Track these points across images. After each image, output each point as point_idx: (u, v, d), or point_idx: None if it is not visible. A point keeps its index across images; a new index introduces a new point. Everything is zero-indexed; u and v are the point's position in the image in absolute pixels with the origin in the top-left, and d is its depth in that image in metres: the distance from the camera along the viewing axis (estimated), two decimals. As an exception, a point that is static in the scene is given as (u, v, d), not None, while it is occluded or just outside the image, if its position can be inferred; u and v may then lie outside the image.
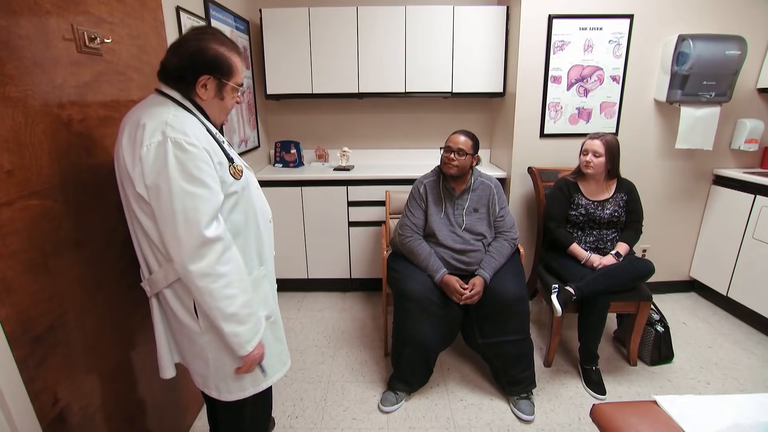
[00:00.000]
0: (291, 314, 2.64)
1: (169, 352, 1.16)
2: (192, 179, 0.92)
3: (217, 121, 1.11)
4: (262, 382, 1.18)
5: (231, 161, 1.04)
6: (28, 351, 0.93)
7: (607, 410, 1.15)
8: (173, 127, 0.92)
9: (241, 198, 1.07)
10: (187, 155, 0.91)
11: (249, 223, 1.11)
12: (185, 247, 0.92)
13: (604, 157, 1.98)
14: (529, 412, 1.77)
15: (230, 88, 1.07)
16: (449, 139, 1.94)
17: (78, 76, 1.10)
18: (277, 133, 3.10)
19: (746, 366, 2.09)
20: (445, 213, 1.96)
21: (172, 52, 1.02)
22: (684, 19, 2.36)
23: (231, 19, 2.35)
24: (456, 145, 1.89)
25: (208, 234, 0.93)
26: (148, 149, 0.91)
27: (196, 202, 0.92)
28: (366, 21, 2.59)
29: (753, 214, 2.33)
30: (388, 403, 1.83)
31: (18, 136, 0.91)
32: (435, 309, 1.79)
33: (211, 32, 1.04)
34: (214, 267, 0.95)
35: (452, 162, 1.90)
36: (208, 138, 0.99)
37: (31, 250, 0.95)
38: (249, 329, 1.04)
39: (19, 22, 0.92)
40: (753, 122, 2.45)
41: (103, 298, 1.19)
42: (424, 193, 1.99)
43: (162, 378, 1.17)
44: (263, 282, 1.17)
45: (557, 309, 1.85)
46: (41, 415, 0.96)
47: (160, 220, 0.94)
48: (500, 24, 2.58)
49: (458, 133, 1.93)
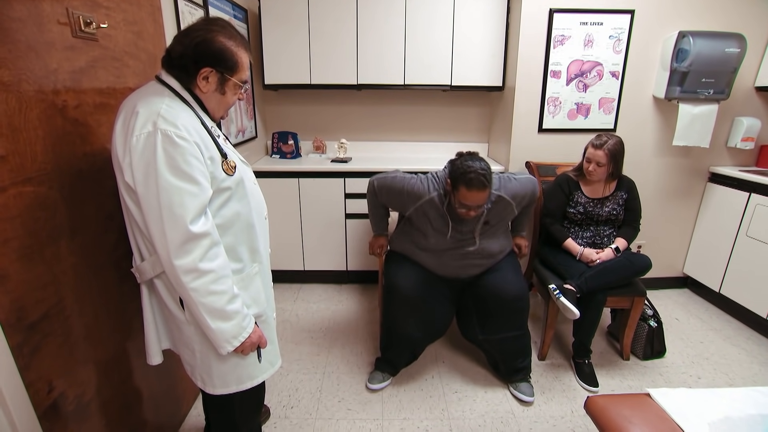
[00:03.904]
0: (287, 305, 2.64)
1: (157, 339, 1.16)
2: (180, 173, 0.90)
3: (216, 115, 1.09)
4: (246, 381, 1.17)
5: (224, 156, 1.02)
6: (22, 339, 0.92)
7: (601, 402, 1.16)
8: (165, 119, 0.90)
9: (234, 194, 1.05)
10: (177, 149, 0.90)
11: (241, 220, 1.09)
12: (170, 242, 0.91)
13: (606, 166, 1.97)
14: (529, 393, 1.83)
15: (233, 84, 1.04)
16: (465, 196, 1.56)
17: (73, 62, 1.08)
18: (275, 124, 3.08)
19: (736, 361, 2.12)
20: (451, 236, 1.74)
21: (177, 39, 1.00)
22: (684, 16, 2.36)
23: (229, 7, 2.31)
24: (476, 203, 1.58)
25: (194, 230, 0.92)
26: (138, 139, 0.90)
27: (182, 197, 0.91)
28: (366, 12, 2.56)
29: (747, 211, 2.35)
30: (376, 381, 1.91)
31: (11, 121, 0.89)
32: (422, 306, 1.80)
33: (221, 24, 1.01)
34: (199, 263, 0.94)
35: (471, 217, 1.66)
36: (201, 132, 0.97)
37: (26, 238, 0.94)
38: (234, 325, 1.03)
39: (13, 5, 0.90)
40: (750, 120, 2.46)
41: (98, 287, 1.18)
42: (423, 206, 1.73)
43: (149, 364, 1.17)
44: (255, 279, 1.15)
45: (575, 312, 1.79)
46: (36, 403, 0.96)
47: (146, 212, 0.92)
48: (501, 17, 2.57)
49: (475, 190, 1.53)
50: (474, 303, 1.85)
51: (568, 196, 2.08)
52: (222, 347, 1.03)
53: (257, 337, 1.10)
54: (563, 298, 1.84)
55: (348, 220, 2.71)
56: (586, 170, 2.01)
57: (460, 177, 1.56)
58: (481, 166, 1.55)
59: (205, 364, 1.11)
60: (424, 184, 1.74)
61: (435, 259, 1.81)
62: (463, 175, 1.54)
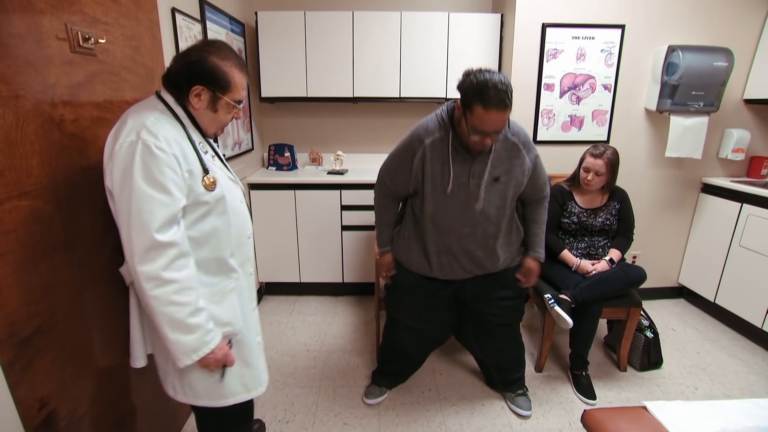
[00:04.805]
0: (283, 318, 2.62)
1: (142, 341, 1.17)
2: (153, 182, 0.93)
3: (209, 132, 1.12)
4: (219, 399, 1.17)
5: (206, 172, 1.04)
6: (14, 355, 0.91)
7: (598, 416, 1.16)
8: (149, 130, 0.94)
9: (213, 209, 1.06)
10: (153, 159, 0.93)
11: (219, 236, 1.09)
12: (135, 248, 0.93)
13: (605, 176, 1.99)
14: (526, 407, 1.82)
15: (225, 103, 1.07)
16: (482, 118, 1.28)
17: (71, 76, 1.08)
18: (271, 136, 3.09)
19: (733, 371, 2.12)
20: (455, 186, 1.45)
21: (175, 59, 1.06)
22: (673, 30, 2.41)
23: (226, 22, 2.34)
24: (495, 127, 1.30)
25: (160, 238, 0.94)
26: (121, 147, 0.94)
27: (152, 204, 0.93)
28: (361, 26, 2.60)
29: (740, 222, 2.38)
30: (372, 396, 1.89)
31: (8, 136, 0.90)
32: (424, 326, 1.77)
33: (217, 46, 1.05)
34: (162, 272, 0.95)
35: (486, 146, 1.39)
36: (183, 145, 1.00)
37: (20, 252, 0.93)
38: (195, 339, 1.01)
39: (12, 21, 0.91)
40: (739, 132, 2.51)
41: (93, 301, 1.17)
42: (422, 159, 1.45)
43: (132, 366, 1.17)
44: (229, 295, 1.14)
45: (568, 321, 1.80)
46: (26, 420, 0.94)
47: (118, 217, 0.96)
48: (494, 31, 2.61)
49: (494, 109, 1.25)
50: (474, 321, 1.79)
51: (562, 206, 2.10)
52: (179, 359, 1.02)
53: (222, 355, 1.08)
54: (557, 307, 1.84)
55: (344, 232, 2.71)
56: (584, 180, 2.02)
57: (475, 93, 1.26)
58: (501, 80, 1.25)
59: (177, 372, 1.11)
60: (419, 131, 1.47)
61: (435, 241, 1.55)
62: (480, 92, 1.25)
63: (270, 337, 2.40)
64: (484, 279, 1.67)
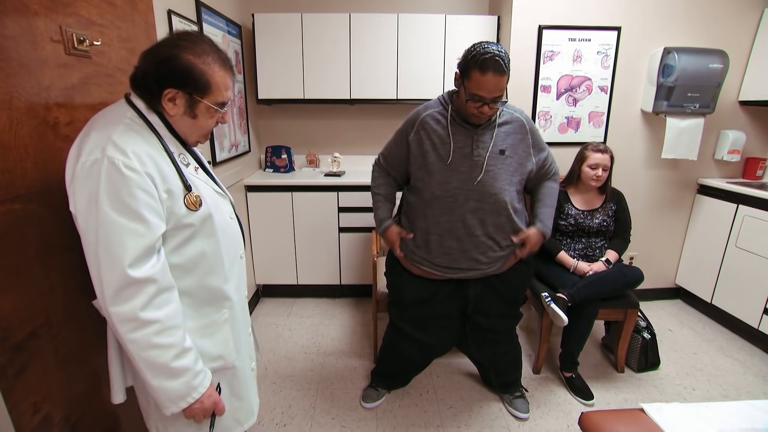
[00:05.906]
0: (280, 320, 2.61)
1: (121, 375, 1.02)
2: (122, 208, 0.79)
3: (189, 140, 0.97)
4: None
5: (189, 189, 0.90)
6: (7, 360, 0.90)
7: (595, 418, 1.16)
8: (116, 145, 0.80)
9: (199, 231, 0.92)
10: (123, 179, 0.78)
11: (207, 260, 0.95)
12: (106, 287, 0.80)
13: (608, 170, 2.01)
14: (524, 410, 1.81)
15: (204, 107, 0.91)
16: (479, 83, 1.29)
17: (65, 79, 1.08)
18: (268, 138, 3.09)
19: (730, 372, 2.12)
20: (457, 156, 1.43)
21: (143, 55, 0.88)
22: (669, 32, 2.42)
23: (223, 24, 2.34)
24: (492, 93, 1.30)
25: (134, 274, 0.80)
26: (83, 166, 0.79)
27: (123, 235, 0.79)
28: (358, 28, 2.60)
29: (736, 223, 2.39)
30: (370, 400, 1.88)
31: (1, 138, 0.89)
32: (430, 340, 1.72)
33: (191, 39, 0.88)
34: (140, 312, 0.81)
35: (484, 115, 1.37)
36: (159, 161, 0.85)
37: (13, 255, 0.92)
38: (182, 384, 0.88)
39: (5, 23, 0.90)
40: (735, 133, 2.52)
41: (87, 305, 1.16)
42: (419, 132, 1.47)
43: (112, 403, 1.03)
44: (223, 327, 1.01)
45: (563, 318, 1.80)
46: (19, 425, 0.93)
47: (85, 249, 0.82)
48: (491, 33, 2.62)
49: (491, 73, 1.27)
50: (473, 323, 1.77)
51: (559, 207, 2.10)
52: (166, 407, 0.89)
53: (211, 403, 0.95)
54: (553, 305, 1.85)
55: (341, 234, 2.70)
56: (593, 177, 2.01)
57: (473, 59, 1.29)
58: (498, 49, 1.28)
59: (159, 412, 0.96)
60: (419, 108, 1.54)
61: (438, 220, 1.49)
62: (476, 57, 1.28)
63: (267, 339, 2.39)
64: (485, 288, 1.63)
